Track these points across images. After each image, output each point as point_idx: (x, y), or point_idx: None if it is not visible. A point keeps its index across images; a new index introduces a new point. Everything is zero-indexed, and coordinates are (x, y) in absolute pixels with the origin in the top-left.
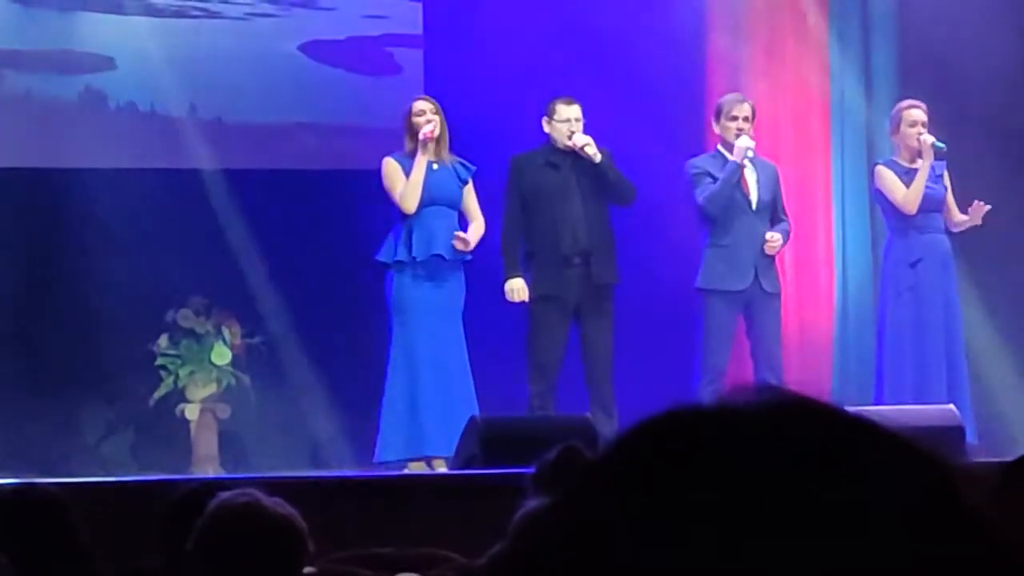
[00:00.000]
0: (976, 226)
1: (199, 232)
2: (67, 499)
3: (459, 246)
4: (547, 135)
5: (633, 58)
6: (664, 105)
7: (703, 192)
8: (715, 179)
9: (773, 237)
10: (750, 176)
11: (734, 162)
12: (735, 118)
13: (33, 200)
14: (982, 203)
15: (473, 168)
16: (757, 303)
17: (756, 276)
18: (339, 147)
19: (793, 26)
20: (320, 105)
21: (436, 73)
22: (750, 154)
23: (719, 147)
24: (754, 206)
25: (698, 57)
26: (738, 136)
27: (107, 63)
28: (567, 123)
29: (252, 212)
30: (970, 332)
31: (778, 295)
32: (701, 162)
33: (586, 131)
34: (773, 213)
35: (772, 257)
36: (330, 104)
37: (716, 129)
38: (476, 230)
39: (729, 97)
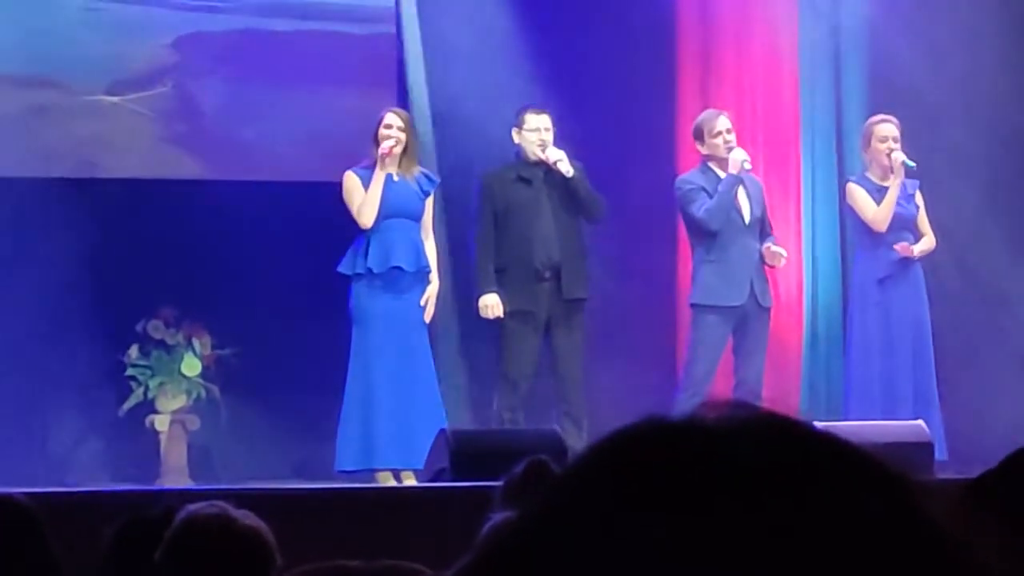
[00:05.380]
0: (942, 245)
1: (170, 242)
2: (36, 509)
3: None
4: (517, 146)
5: (603, 72)
6: (634, 118)
7: (701, 207)
8: (710, 193)
9: (779, 251)
10: (741, 192)
11: (732, 175)
12: (719, 133)
13: (1, 209)
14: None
15: (437, 181)
16: (751, 318)
17: (752, 291)
18: (311, 158)
19: (763, 39)
20: (293, 116)
21: (410, 84)
22: (747, 166)
23: (708, 163)
24: (747, 221)
25: (669, 71)
26: (729, 149)
27: (78, 66)
28: (537, 132)
29: (224, 223)
30: (940, 348)
31: (770, 310)
32: (692, 177)
33: (557, 144)
34: (761, 229)
35: (766, 272)
36: (303, 115)
37: (702, 149)
38: (429, 251)
39: (705, 115)
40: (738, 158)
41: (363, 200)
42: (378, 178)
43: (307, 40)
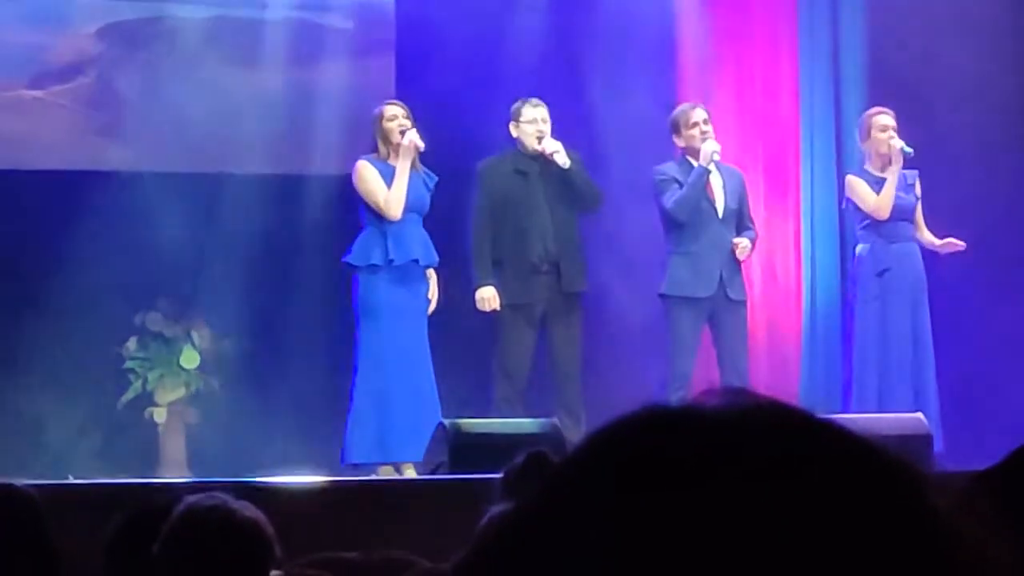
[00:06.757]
0: (939, 236)
1: (168, 235)
2: (39, 499)
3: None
4: (515, 139)
5: (602, 65)
6: (633, 112)
7: (671, 197)
8: (682, 185)
9: (742, 242)
10: (716, 183)
11: (701, 166)
12: (695, 124)
13: None
14: (958, 242)
15: (435, 178)
16: (722, 311)
17: (721, 283)
18: (308, 151)
19: (762, 34)
20: (291, 111)
21: (407, 77)
22: (716, 157)
23: (685, 155)
24: (720, 213)
25: (668, 65)
26: (703, 141)
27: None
28: (534, 124)
29: (222, 215)
30: (939, 340)
31: (744, 303)
32: (668, 168)
33: (554, 137)
34: (739, 221)
35: (738, 264)
36: (300, 109)
37: (679, 142)
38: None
39: (682, 107)
40: (708, 149)
41: (388, 194)
42: (404, 172)
43: (242, 27)
